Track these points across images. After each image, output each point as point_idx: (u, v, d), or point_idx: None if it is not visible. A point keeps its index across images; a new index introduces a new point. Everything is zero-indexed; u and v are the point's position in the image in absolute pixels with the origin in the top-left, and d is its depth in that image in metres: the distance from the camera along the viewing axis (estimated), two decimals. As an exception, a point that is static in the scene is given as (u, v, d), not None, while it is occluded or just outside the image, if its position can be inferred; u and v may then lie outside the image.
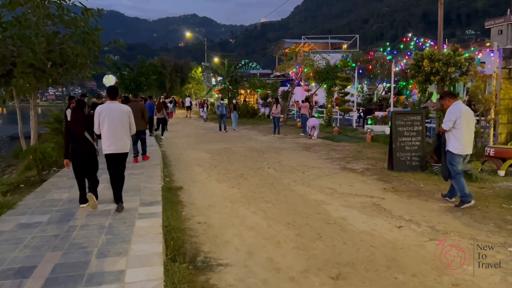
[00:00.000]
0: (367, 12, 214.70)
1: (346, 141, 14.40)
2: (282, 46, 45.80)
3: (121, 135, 5.88)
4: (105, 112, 5.81)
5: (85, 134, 5.87)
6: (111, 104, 5.93)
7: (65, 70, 10.24)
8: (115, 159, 5.97)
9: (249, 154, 12.10)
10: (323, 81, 19.10)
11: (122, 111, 5.93)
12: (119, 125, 5.85)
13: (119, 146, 5.89)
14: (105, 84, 16.60)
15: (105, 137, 5.82)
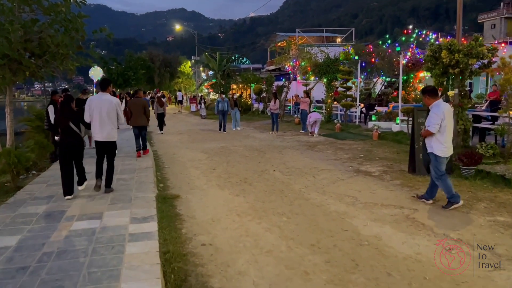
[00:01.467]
0: (356, 7, 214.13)
1: (351, 139, 13.50)
2: (274, 39, 44.79)
3: (108, 125, 6.42)
4: (95, 103, 6.40)
5: (71, 125, 6.21)
6: (102, 96, 6.52)
7: (45, 62, 9.11)
8: (102, 146, 6.59)
9: (249, 154, 11.12)
10: (322, 75, 18.15)
11: (110, 102, 6.45)
12: (106, 116, 6.38)
13: (106, 134, 6.45)
14: (92, 77, 15.38)
15: (94, 126, 6.42)
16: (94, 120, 6.39)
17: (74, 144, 6.31)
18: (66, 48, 8.83)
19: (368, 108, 17.46)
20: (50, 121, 10.11)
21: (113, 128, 6.53)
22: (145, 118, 10.58)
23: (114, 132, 6.59)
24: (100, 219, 5.20)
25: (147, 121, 10.75)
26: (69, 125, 6.20)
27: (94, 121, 6.40)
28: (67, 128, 6.22)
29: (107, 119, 6.40)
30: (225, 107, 16.76)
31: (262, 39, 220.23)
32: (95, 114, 6.37)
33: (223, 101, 16.83)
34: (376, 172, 8.29)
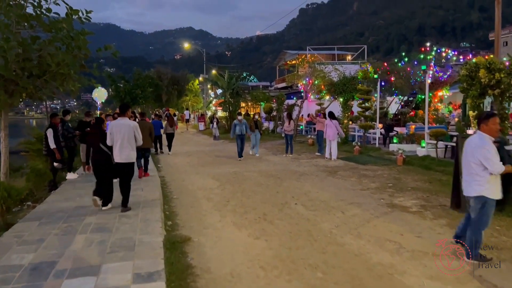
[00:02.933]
0: (362, 26, 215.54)
1: (373, 164, 12.52)
2: (283, 57, 44.29)
3: (127, 147, 6.90)
4: (115, 127, 6.91)
5: (101, 145, 7.00)
6: (121, 120, 7.05)
7: (44, 83, 8.33)
8: (121, 167, 6.99)
9: (265, 181, 10.18)
10: (338, 94, 17.28)
11: (129, 126, 6.96)
12: (125, 139, 6.88)
13: (125, 156, 6.91)
14: (95, 99, 14.48)
15: (114, 149, 6.92)
16: (114, 143, 6.90)
17: (102, 161, 7.02)
18: (67, 68, 8.05)
19: (387, 129, 16.50)
20: (49, 146, 9.31)
21: (132, 150, 7.02)
22: (150, 140, 11.00)
23: (133, 154, 7.09)
24: (96, 275, 4.26)
25: (151, 143, 11.28)
26: (99, 145, 7.01)
27: (114, 144, 6.91)
28: (97, 148, 7.03)
29: (126, 142, 6.89)
30: (243, 130, 14.56)
31: (269, 57, 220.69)
32: (115, 138, 6.86)
33: (241, 124, 14.64)
34: (414, 207, 7.29)
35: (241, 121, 14.75)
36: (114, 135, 6.90)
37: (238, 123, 14.66)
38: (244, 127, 14.60)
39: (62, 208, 7.18)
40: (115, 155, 6.95)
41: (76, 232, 5.78)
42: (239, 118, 14.89)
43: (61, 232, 5.79)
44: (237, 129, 14.53)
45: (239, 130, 14.52)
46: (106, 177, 7.08)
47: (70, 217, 6.60)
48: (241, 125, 14.65)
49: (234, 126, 14.67)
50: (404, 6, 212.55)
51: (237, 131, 14.50)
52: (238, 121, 14.76)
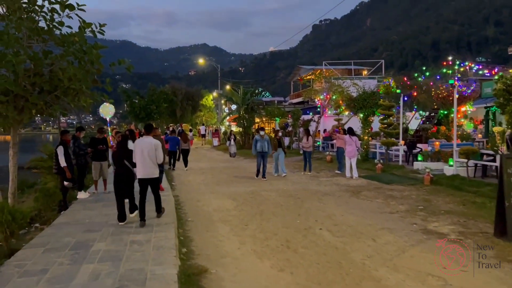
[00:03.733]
0: (375, 41, 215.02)
1: (399, 183, 11.82)
2: (297, 72, 43.97)
3: (149, 163, 7.23)
4: (139, 145, 7.30)
5: (125, 161, 7.38)
6: (145, 138, 7.48)
7: (55, 98, 7.99)
8: (145, 182, 7.35)
9: (284, 202, 9.59)
10: (358, 109, 16.69)
11: (151, 144, 7.29)
12: (147, 156, 7.19)
13: (147, 172, 7.26)
14: (102, 115, 14.03)
15: (137, 165, 7.28)
16: (137, 160, 7.25)
17: (123, 176, 7.39)
18: (79, 83, 7.70)
19: (409, 146, 15.77)
20: (59, 164, 8.91)
21: (154, 166, 7.33)
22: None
23: (155, 170, 7.39)
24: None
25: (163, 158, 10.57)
26: (123, 161, 7.39)
27: (137, 161, 7.26)
28: (121, 163, 7.41)
29: (148, 159, 7.21)
30: (265, 147, 13.28)
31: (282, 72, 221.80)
32: (138, 155, 7.24)
33: (263, 140, 13.34)
34: (451, 234, 6.60)
35: (263, 137, 13.42)
36: (137, 152, 7.27)
37: (260, 139, 13.35)
38: (266, 143, 13.32)
39: (70, 232, 6.71)
40: (138, 171, 7.32)
41: (83, 261, 5.28)
42: (261, 134, 13.56)
43: (66, 261, 5.30)
44: (258, 145, 13.25)
45: (260, 147, 13.24)
46: (126, 191, 7.47)
47: (78, 243, 6.11)
48: (263, 141, 13.34)
49: (255, 141, 13.40)
50: (418, 22, 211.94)
51: (258, 148, 13.24)
52: (259, 137, 13.42)
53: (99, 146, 10.43)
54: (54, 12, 7.86)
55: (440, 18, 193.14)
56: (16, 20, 7.32)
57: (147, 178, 7.30)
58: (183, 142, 17.68)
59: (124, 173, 7.40)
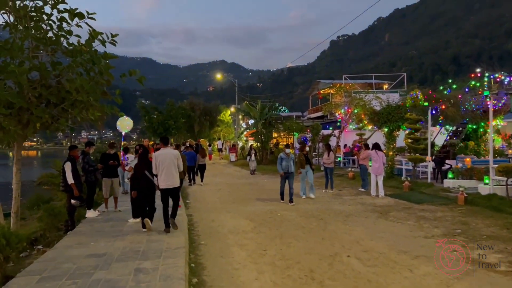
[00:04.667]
0: (394, 56, 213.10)
1: (430, 203, 10.91)
2: (316, 87, 43.33)
3: (172, 173, 7.55)
4: (160, 157, 7.55)
5: (146, 173, 7.70)
6: (164, 150, 7.72)
7: (62, 111, 7.53)
8: (168, 192, 7.64)
9: (306, 223, 8.83)
10: (383, 124, 15.85)
11: (172, 155, 7.65)
12: (170, 166, 7.51)
13: (170, 182, 7.56)
14: (119, 128, 13.45)
15: (160, 176, 7.52)
16: (160, 171, 7.52)
17: (145, 187, 7.77)
18: (86, 95, 7.22)
19: (438, 162, 14.80)
20: (67, 181, 8.41)
21: (176, 176, 7.68)
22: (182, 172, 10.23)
23: (177, 179, 7.75)
24: None
25: (184, 174, 10.75)
26: (145, 173, 7.76)
27: (160, 172, 7.53)
28: (143, 175, 7.77)
29: (172, 169, 7.56)
30: (290, 167, 11.62)
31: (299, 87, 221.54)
32: (161, 166, 7.51)
33: (288, 159, 11.68)
34: (502, 265, 5.72)
35: (288, 155, 11.77)
36: (159, 164, 7.53)
37: (285, 158, 11.69)
38: (292, 163, 11.69)
39: (71, 257, 6.12)
40: (161, 181, 7.59)
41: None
42: (286, 152, 11.85)
43: (61, 293, 4.68)
44: (283, 164, 11.63)
45: (285, 167, 11.61)
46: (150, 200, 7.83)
47: (78, 270, 5.50)
48: (289, 160, 11.69)
49: (280, 160, 11.77)
50: (437, 36, 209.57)
51: (283, 167, 11.62)
52: (285, 155, 11.75)
53: (110, 161, 9.94)
54: (63, 21, 7.49)
55: (460, 33, 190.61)
56: (22, 30, 6.93)
57: (170, 188, 7.63)
58: (201, 157, 17.37)
59: (144, 185, 7.78)
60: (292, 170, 11.68)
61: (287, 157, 11.70)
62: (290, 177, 11.65)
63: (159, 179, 7.62)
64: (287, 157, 11.70)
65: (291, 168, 11.64)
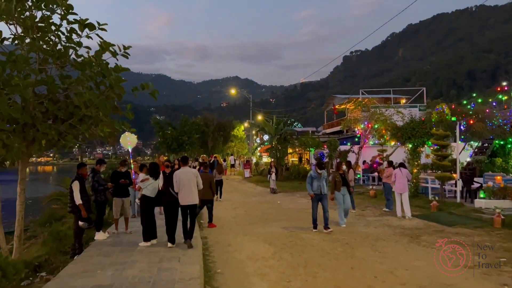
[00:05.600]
0: (408, 71, 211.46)
1: (463, 225, 10.06)
2: (331, 102, 42.68)
3: (191, 191, 8.05)
4: (179, 175, 8.03)
5: (170, 189, 8.14)
6: (183, 169, 8.23)
7: (69, 127, 7.05)
8: (187, 208, 8.11)
9: (331, 248, 8.10)
10: (406, 139, 15.07)
11: (191, 173, 8.15)
12: (189, 184, 8.00)
13: (190, 199, 8.04)
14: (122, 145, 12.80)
15: (181, 194, 8.02)
16: (180, 189, 7.93)
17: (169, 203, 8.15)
18: (96, 110, 6.73)
19: (466, 180, 13.92)
20: (74, 202, 7.89)
21: (195, 193, 8.09)
22: (210, 192, 10.70)
23: (196, 196, 8.13)
24: None
25: (212, 194, 10.88)
26: (169, 189, 8.08)
27: (181, 190, 7.93)
28: (167, 191, 8.12)
29: (191, 187, 7.96)
30: (323, 187, 9.86)
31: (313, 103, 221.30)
32: (181, 184, 7.90)
33: (321, 178, 9.90)
34: None
35: (320, 175, 9.90)
36: (179, 182, 7.91)
37: (317, 177, 9.88)
38: (324, 182, 9.95)
39: (74, 288, 5.53)
40: (181, 198, 7.96)
41: None
42: (318, 171, 9.92)
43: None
44: (314, 185, 9.91)
45: (317, 187, 9.86)
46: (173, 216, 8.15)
47: (81, 305, 4.90)
48: (321, 179, 9.87)
49: (310, 179, 10.01)
50: (451, 52, 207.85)
51: (315, 188, 9.89)
52: (316, 174, 9.92)
53: (121, 180, 9.41)
54: (73, 32, 7.07)
55: (475, 48, 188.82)
56: (28, 42, 6.52)
57: (189, 205, 8.00)
58: (218, 173, 16.86)
59: (168, 201, 8.16)
60: (326, 192, 10.00)
61: (319, 176, 9.90)
62: (323, 199, 9.96)
63: (179, 196, 7.97)
64: (319, 176, 9.90)
65: (324, 189, 9.90)
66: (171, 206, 8.15)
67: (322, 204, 10.00)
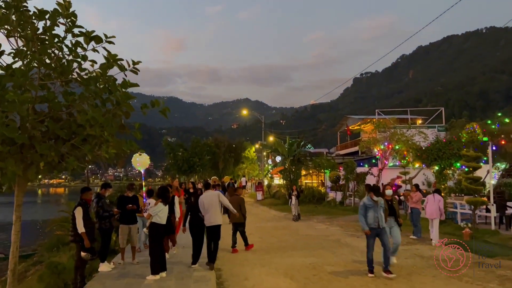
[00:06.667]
0: (419, 92, 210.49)
1: (505, 256, 9.07)
2: (345, 122, 41.94)
3: (216, 212, 8.58)
4: (203, 200, 8.57)
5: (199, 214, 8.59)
6: (207, 193, 8.83)
7: (71, 148, 6.38)
8: (211, 229, 8.51)
9: (361, 284, 7.19)
10: (432, 161, 14.16)
11: (214, 195, 8.75)
12: (212, 206, 8.52)
13: (213, 220, 8.50)
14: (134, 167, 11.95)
15: (206, 216, 8.51)
16: (205, 211, 8.39)
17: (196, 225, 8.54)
18: (100, 129, 6.07)
19: (500, 205, 12.89)
20: (77, 230, 7.17)
21: (219, 214, 8.62)
22: (241, 215, 10.59)
23: (220, 217, 8.64)
24: None
25: (244, 217, 10.79)
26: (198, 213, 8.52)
27: (206, 213, 8.39)
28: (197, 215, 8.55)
29: (214, 208, 8.46)
30: (382, 219, 7.78)
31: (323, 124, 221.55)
32: (206, 207, 8.39)
33: (377, 206, 7.82)
34: None
35: (377, 203, 7.82)
36: (203, 206, 8.43)
37: (372, 205, 7.79)
38: (382, 212, 7.82)
39: (70, 336, 4.73)
40: (206, 220, 8.46)
41: None
42: (374, 199, 7.81)
43: None
44: (369, 216, 7.75)
45: (373, 220, 7.71)
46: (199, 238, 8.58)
47: None
48: (378, 208, 7.78)
49: (364, 208, 7.87)
50: (462, 73, 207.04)
51: (371, 220, 7.72)
52: (371, 202, 7.83)
53: (128, 205, 8.69)
54: (78, 46, 6.49)
55: (486, 69, 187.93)
56: (27, 54, 5.93)
57: (213, 226, 8.42)
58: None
59: (196, 223, 8.56)
60: (384, 225, 7.88)
61: (375, 205, 7.79)
62: (382, 234, 7.85)
63: (205, 218, 8.45)
64: (375, 205, 7.79)
65: (382, 221, 7.77)
66: (197, 228, 8.54)
67: (381, 241, 7.87)
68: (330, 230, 14.21)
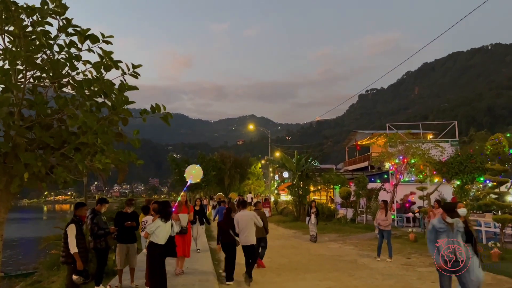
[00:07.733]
0: (425, 108, 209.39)
1: (544, 281, 8.15)
2: (353, 137, 41.12)
3: (248, 232, 8.65)
4: (239, 218, 8.75)
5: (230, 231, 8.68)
6: (242, 212, 8.97)
7: (61, 158, 5.68)
8: (246, 248, 8.67)
9: (387, 314, 6.32)
10: (453, 175, 13.30)
11: (248, 216, 8.80)
12: (246, 226, 8.65)
13: (247, 240, 8.61)
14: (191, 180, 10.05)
15: (241, 235, 8.67)
16: (241, 231, 8.65)
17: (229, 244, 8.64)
18: (93, 136, 5.37)
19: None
20: (69, 250, 6.42)
21: (253, 234, 8.73)
22: (264, 230, 10.29)
23: (254, 237, 8.74)
24: None
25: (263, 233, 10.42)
26: (229, 231, 8.66)
27: (241, 232, 8.65)
28: (227, 232, 8.68)
29: (248, 228, 8.64)
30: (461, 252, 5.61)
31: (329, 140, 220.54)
32: (240, 226, 8.66)
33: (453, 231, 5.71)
34: None
35: (452, 226, 5.70)
36: (239, 224, 8.59)
37: (446, 230, 5.71)
38: (460, 237, 5.75)
39: None
40: (242, 240, 8.56)
41: None
42: (448, 221, 5.70)
43: None
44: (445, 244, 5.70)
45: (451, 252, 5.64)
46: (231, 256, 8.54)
47: None
48: (455, 233, 5.70)
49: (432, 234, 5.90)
50: (469, 89, 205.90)
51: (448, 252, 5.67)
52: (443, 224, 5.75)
53: (126, 222, 7.93)
54: (72, 46, 5.86)
55: (493, 85, 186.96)
56: (9, 51, 5.29)
57: (248, 245, 8.57)
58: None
59: (227, 242, 8.59)
60: (464, 257, 5.57)
61: (450, 228, 5.69)
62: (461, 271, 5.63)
63: (240, 237, 8.60)
64: (450, 228, 5.69)
65: (462, 252, 5.59)
66: (229, 246, 8.59)
67: (460, 281, 5.74)
68: (344, 250, 13.30)
